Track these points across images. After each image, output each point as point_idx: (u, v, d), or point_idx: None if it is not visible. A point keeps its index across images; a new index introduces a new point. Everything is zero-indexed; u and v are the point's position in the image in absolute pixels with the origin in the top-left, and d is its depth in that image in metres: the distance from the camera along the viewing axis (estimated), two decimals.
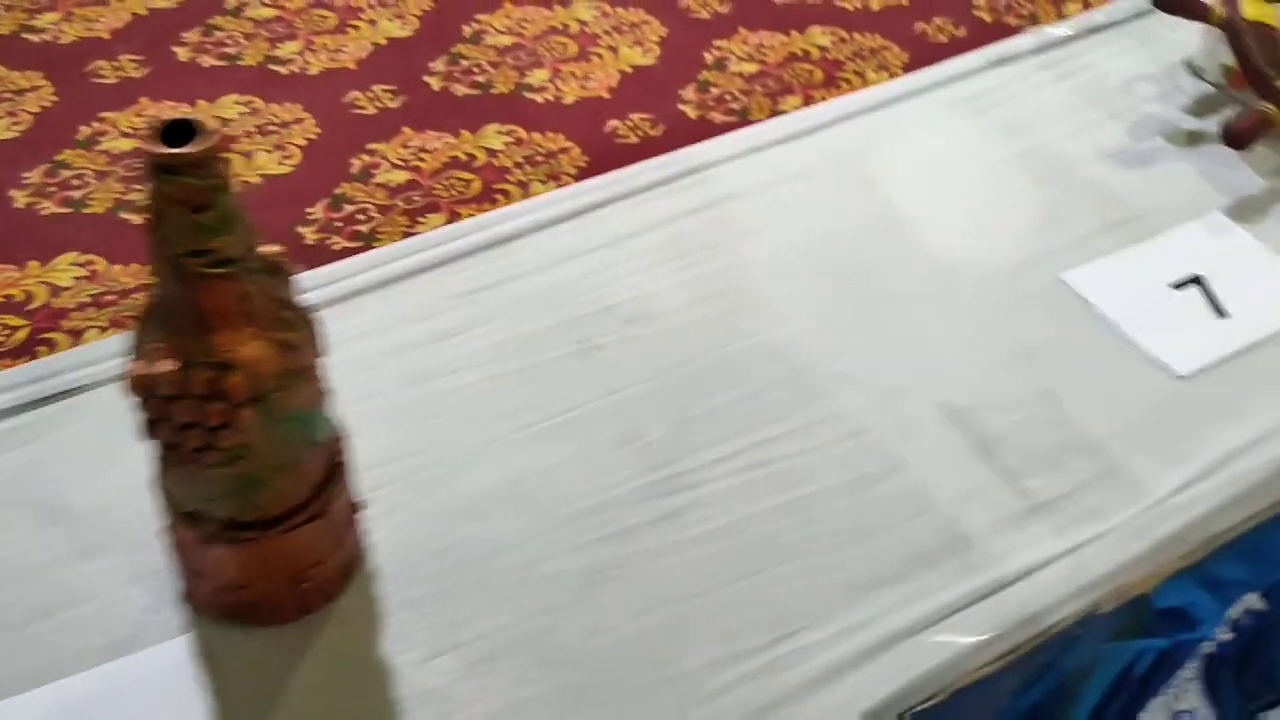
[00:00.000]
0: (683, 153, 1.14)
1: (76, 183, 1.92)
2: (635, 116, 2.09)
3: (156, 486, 0.73)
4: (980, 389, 0.94)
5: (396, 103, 2.10)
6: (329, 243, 1.83)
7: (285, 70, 2.17)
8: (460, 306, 0.99)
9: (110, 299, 1.73)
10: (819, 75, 2.20)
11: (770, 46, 2.26)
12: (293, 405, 0.69)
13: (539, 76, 2.17)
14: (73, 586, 0.79)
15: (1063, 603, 0.81)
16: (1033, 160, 1.15)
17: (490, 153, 2.01)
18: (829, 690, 0.76)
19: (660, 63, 2.23)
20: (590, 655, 0.78)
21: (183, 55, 2.19)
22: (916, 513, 0.86)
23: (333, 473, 0.75)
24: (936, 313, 1.01)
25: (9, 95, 2.09)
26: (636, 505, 0.85)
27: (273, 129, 2.04)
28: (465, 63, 2.20)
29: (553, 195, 1.12)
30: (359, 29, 2.27)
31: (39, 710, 0.73)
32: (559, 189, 1.17)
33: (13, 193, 1.90)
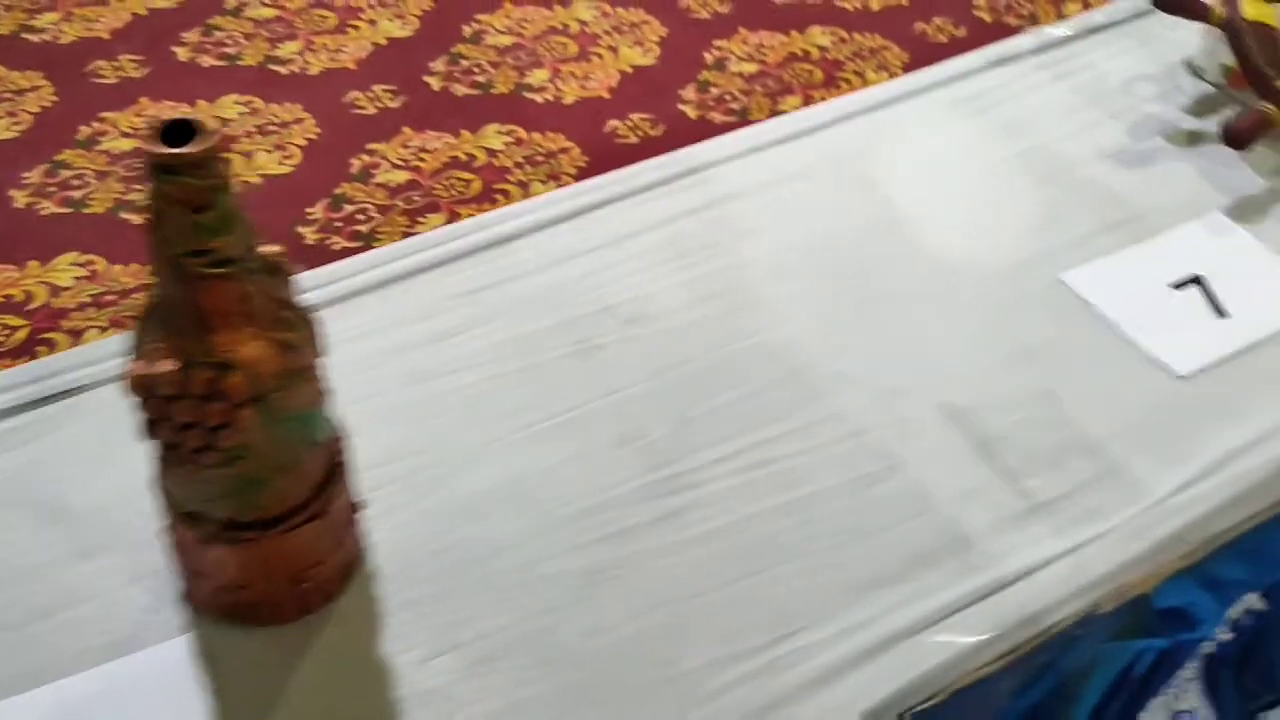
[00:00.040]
0: (683, 153, 1.14)
1: (76, 183, 1.92)
2: (635, 116, 2.09)
3: (156, 486, 0.73)
4: (980, 389, 0.94)
5: (396, 103, 2.10)
6: (329, 243, 1.83)
7: (285, 70, 2.17)
8: (460, 306, 0.99)
9: (110, 299, 1.73)
10: (819, 75, 2.20)
11: (770, 46, 2.26)
12: (293, 405, 0.69)
13: (539, 76, 2.17)
14: (73, 586, 0.79)
15: (1063, 603, 0.81)
16: (1033, 160, 1.15)
17: (490, 153, 2.01)
18: (829, 690, 0.76)
19: (660, 63, 2.22)
20: (590, 655, 0.78)
21: (183, 55, 2.19)
22: (916, 513, 0.86)
23: (333, 473, 0.75)
24: (936, 313, 1.01)
25: (9, 95, 2.09)
26: (636, 505, 0.85)
27: (273, 129, 2.04)
28: (465, 63, 2.20)
29: (553, 195, 1.12)
30: (359, 29, 2.27)
31: (39, 710, 0.73)
32: (559, 189, 1.17)
33: (13, 193, 1.90)
